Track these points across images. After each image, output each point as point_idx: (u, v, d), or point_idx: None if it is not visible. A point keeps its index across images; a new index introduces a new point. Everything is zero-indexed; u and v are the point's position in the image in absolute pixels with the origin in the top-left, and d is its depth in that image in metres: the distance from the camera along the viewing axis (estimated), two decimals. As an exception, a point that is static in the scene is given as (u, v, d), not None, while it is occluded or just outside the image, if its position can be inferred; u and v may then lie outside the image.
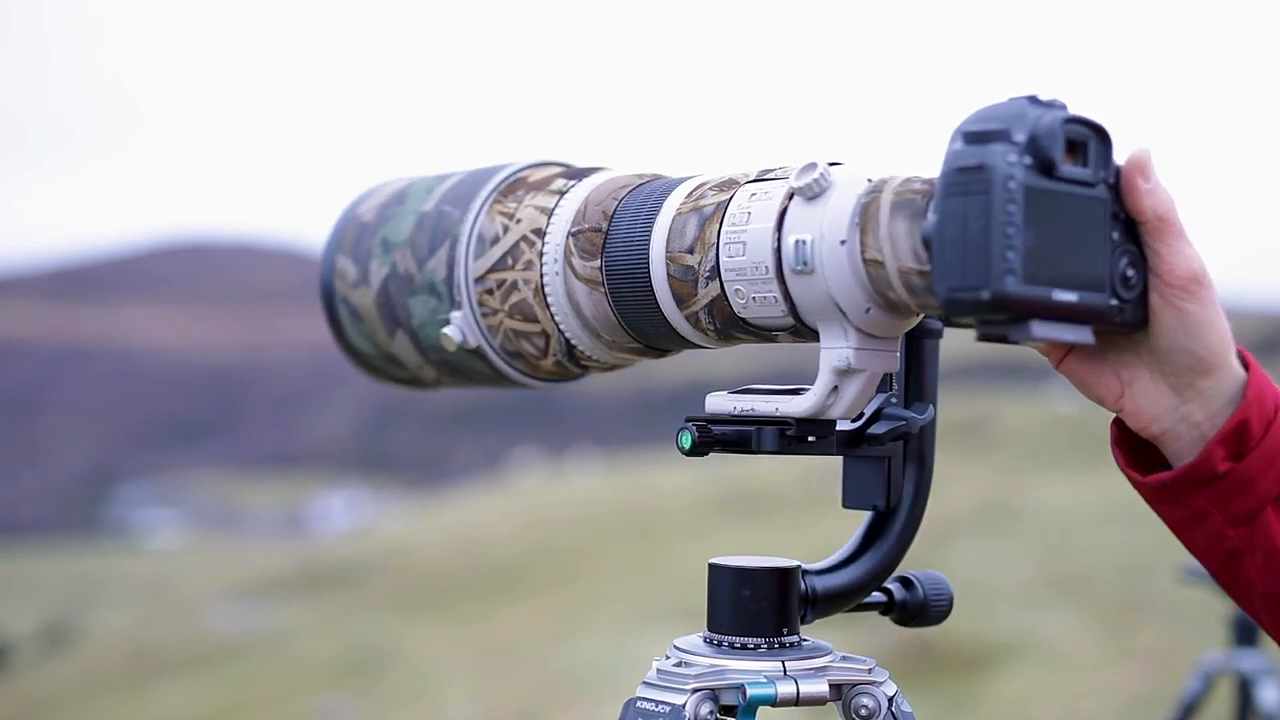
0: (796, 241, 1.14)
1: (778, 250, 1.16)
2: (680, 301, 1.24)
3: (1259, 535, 1.17)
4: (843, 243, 1.13)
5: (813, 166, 1.15)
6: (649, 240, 1.25)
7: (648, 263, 1.25)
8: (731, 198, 1.21)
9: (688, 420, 1.26)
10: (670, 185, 1.28)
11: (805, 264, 1.14)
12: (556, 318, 1.31)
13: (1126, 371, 1.18)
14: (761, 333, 1.23)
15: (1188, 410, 1.17)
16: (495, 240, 1.35)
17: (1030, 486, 15.58)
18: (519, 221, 1.34)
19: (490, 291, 1.35)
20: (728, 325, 1.23)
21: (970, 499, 15.21)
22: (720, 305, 1.21)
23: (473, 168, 1.46)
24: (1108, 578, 11.03)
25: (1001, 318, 1.04)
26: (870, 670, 1.25)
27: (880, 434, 1.27)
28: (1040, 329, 1.05)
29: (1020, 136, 1.04)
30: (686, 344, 1.29)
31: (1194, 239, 1.17)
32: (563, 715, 10.17)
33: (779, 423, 1.21)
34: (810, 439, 1.23)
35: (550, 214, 1.32)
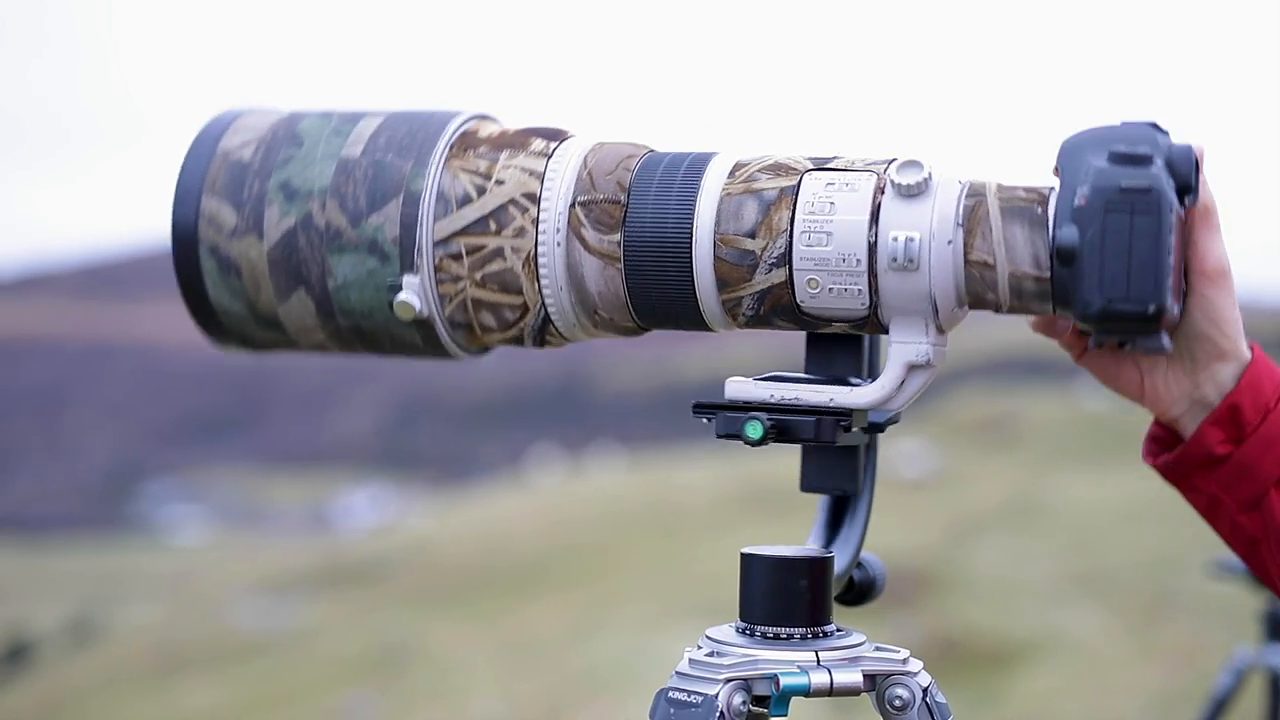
0: (905, 239, 1.15)
1: (873, 245, 1.16)
2: (725, 285, 1.21)
3: (1269, 520, 1.24)
4: (949, 243, 1.15)
5: (918, 165, 1.16)
6: (692, 219, 1.21)
7: (691, 242, 1.21)
8: (799, 184, 1.20)
9: (698, 406, 1.24)
10: (697, 161, 1.24)
11: (911, 261, 1.15)
12: (545, 291, 1.24)
13: (1145, 361, 1.26)
14: (809, 323, 1.22)
15: (1203, 394, 1.24)
16: (465, 201, 1.25)
17: (1056, 483, 15.54)
18: (501, 183, 1.25)
19: (456, 257, 1.25)
20: (773, 314, 1.22)
21: (996, 496, 15.19)
22: (778, 293, 1.20)
23: (375, 108, 1.33)
24: (1134, 575, 11.01)
25: (1150, 329, 1.13)
26: (905, 660, 1.23)
27: (883, 422, 1.29)
28: (1166, 340, 1.15)
29: (1160, 161, 1.12)
30: (700, 328, 1.26)
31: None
32: (586, 712, 10.18)
33: (836, 413, 1.21)
34: (855, 429, 1.24)
35: (542, 178, 1.24)
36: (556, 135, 1.28)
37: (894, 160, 1.19)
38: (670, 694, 1.21)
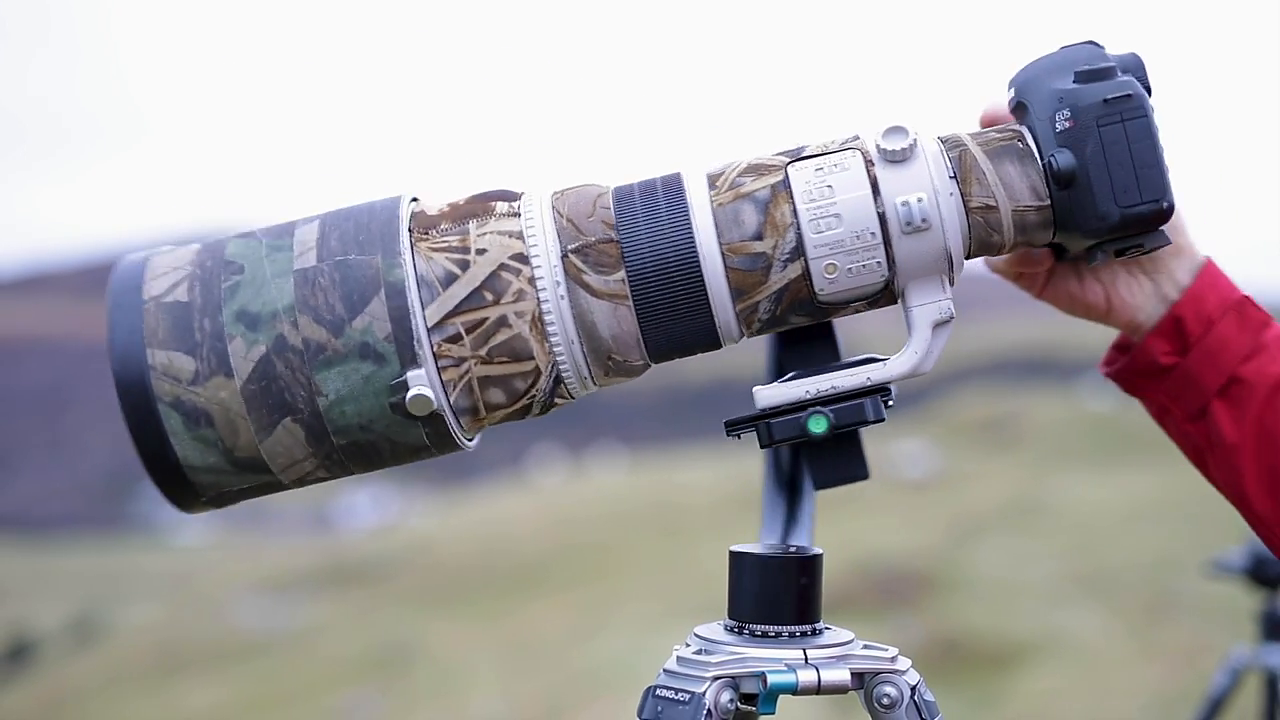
0: (916, 200, 1.17)
1: (882, 215, 1.18)
2: (740, 294, 1.20)
3: (1212, 431, 1.27)
4: (951, 195, 1.18)
5: (903, 130, 1.18)
6: (693, 237, 1.19)
7: (698, 259, 1.19)
8: (786, 177, 1.20)
9: (731, 424, 1.24)
10: (670, 181, 1.23)
11: (925, 221, 1.17)
12: (556, 348, 1.20)
13: (1105, 273, 1.31)
14: (824, 312, 1.22)
15: (1165, 293, 1.30)
16: (449, 279, 1.19)
17: (1058, 484, 15.52)
18: (483, 252, 1.19)
19: (454, 339, 1.19)
20: (789, 310, 1.21)
21: (997, 497, 15.17)
22: (795, 287, 1.20)
23: (301, 215, 1.25)
24: (1135, 575, 10.99)
25: (1161, 225, 1.18)
26: (893, 659, 1.23)
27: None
28: (1167, 232, 1.20)
29: (1120, 70, 1.18)
30: (712, 346, 1.25)
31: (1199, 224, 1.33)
32: (587, 711, 10.17)
33: (875, 391, 1.22)
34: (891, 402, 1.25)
35: (522, 237, 1.20)
36: (511, 195, 1.24)
37: (855, 137, 1.21)
38: (658, 691, 1.21)
